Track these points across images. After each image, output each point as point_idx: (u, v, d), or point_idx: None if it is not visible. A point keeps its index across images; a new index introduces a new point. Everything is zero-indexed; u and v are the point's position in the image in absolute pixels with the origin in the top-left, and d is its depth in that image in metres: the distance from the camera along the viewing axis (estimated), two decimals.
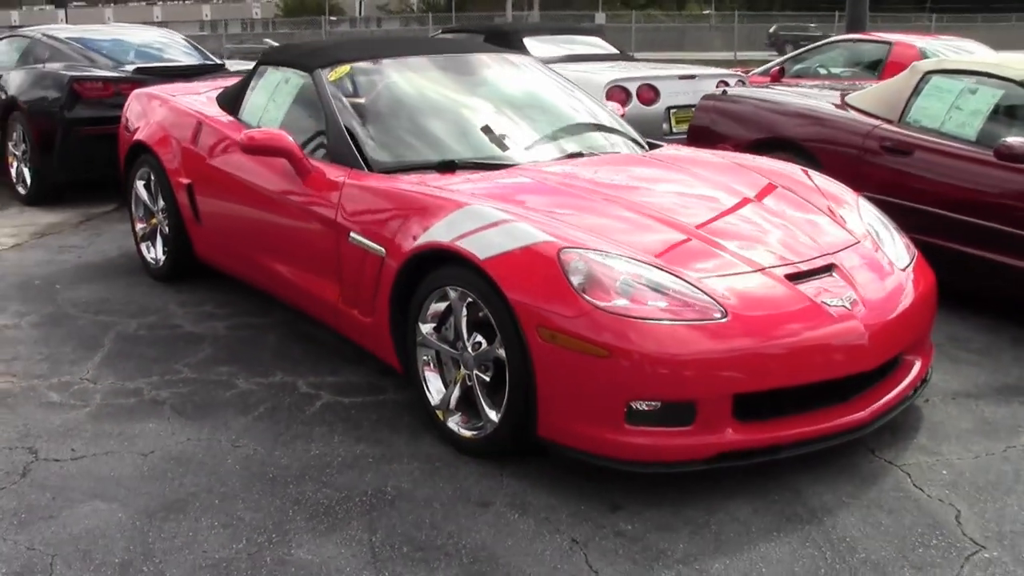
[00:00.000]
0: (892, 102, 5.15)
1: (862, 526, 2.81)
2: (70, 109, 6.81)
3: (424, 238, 3.26)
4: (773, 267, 3.13)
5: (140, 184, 5.23)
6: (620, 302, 2.83)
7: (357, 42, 5.06)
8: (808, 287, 3.08)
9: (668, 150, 4.39)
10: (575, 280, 2.86)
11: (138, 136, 5.23)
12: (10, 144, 7.34)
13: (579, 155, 4.05)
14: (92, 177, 7.07)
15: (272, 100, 4.53)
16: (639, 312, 2.81)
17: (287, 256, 4.11)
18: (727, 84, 7.36)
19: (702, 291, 2.91)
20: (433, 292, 3.23)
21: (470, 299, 3.09)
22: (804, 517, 2.86)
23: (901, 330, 3.23)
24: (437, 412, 3.29)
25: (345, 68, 4.24)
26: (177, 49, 8.17)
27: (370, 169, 3.76)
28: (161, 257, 5.17)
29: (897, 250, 3.55)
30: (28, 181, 7.23)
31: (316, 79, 4.20)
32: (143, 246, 5.32)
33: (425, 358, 3.34)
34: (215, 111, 4.88)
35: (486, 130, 4.10)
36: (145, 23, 8.36)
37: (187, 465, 3.16)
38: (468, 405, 3.21)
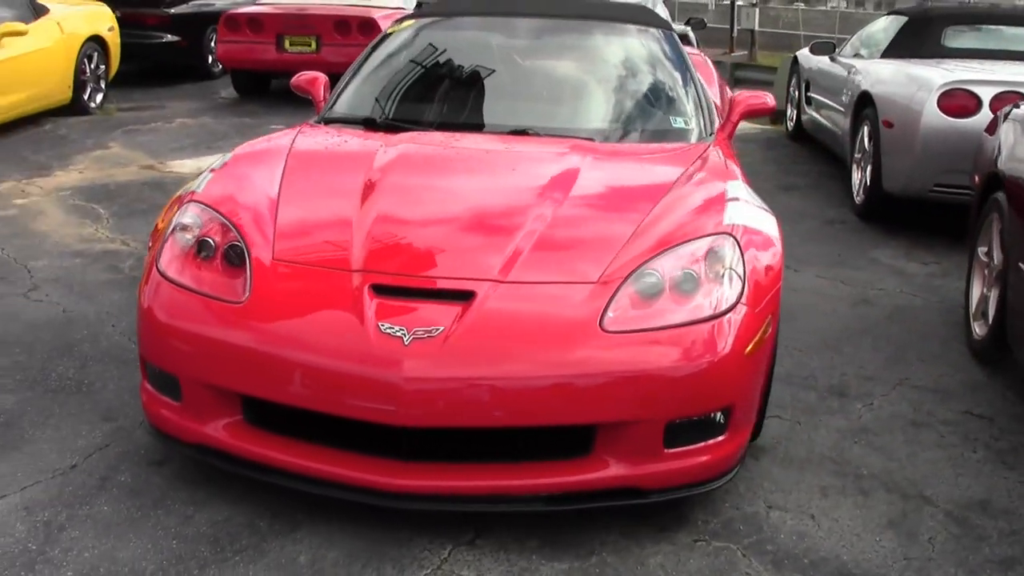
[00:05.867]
0: None
1: None
2: None
3: None
4: (377, 272, 2.65)
5: None
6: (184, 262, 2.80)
7: None
8: (385, 303, 2.54)
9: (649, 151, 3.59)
10: (178, 232, 2.87)
11: None
12: None
13: (523, 133, 3.59)
14: None
15: None
16: (181, 276, 2.74)
17: None
18: None
19: (251, 272, 2.70)
20: None
21: None
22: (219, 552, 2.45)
23: (519, 400, 2.44)
24: None
25: (408, 23, 4.28)
26: None
27: (322, 119, 3.83)
28: None
29: (669, 307, 2.56)
30: None
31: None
32: None
33: None
34: None
35: (445, 96, 3.98)
36: None
37: None
38: None
